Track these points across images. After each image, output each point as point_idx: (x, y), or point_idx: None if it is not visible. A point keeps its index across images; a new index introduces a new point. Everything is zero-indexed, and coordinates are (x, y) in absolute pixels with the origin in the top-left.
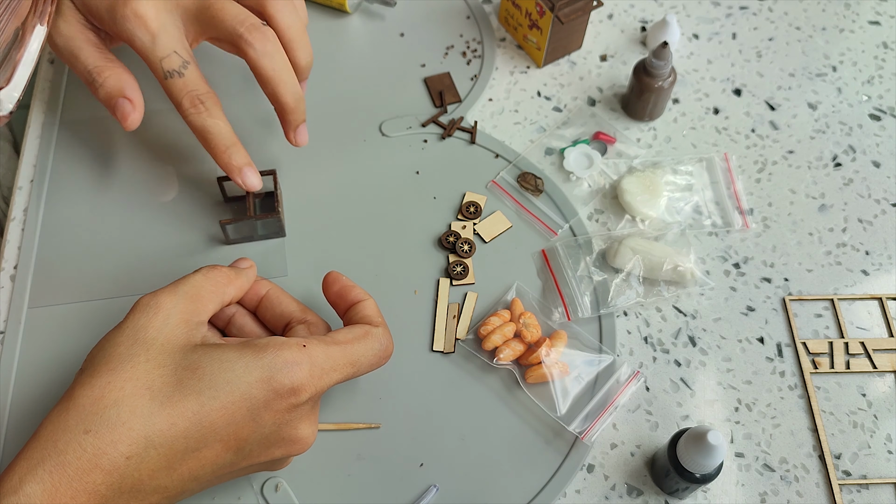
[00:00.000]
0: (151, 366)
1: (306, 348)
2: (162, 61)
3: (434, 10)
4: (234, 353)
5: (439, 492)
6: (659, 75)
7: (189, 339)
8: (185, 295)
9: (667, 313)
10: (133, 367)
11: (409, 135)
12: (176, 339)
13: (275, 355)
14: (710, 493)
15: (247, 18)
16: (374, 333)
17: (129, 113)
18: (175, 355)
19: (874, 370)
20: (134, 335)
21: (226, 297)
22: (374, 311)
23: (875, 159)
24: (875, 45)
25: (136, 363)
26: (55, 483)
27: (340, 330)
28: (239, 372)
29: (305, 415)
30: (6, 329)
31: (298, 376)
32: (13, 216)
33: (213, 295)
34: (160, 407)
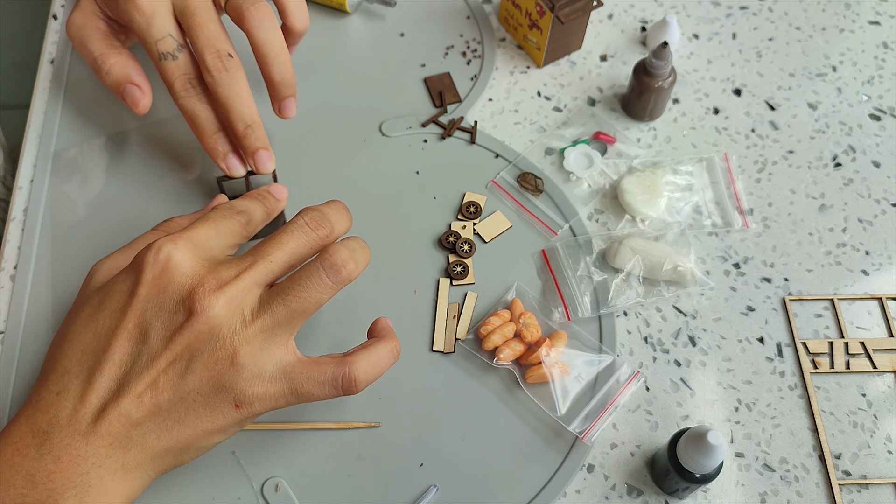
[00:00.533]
0: (68, 319)
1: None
2: (157, 43)
3: (434, 10)
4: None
5: (439, 492)
6: (659, 75)
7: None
8: (119, 252)
9: (667, 313)
10: (63, 329)
11: (409, 135)
12: (88, 288)
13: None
14: (710, 493)
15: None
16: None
17: (139, 98)
18: (79, 300)
19: (874, 370)
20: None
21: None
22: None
23: (875, 159)
24: (875, 45)
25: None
26: (10, 427)
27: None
28: (120, 277)
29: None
30: (6, 329)
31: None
32: (13, 216)
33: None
34: (69, 343)
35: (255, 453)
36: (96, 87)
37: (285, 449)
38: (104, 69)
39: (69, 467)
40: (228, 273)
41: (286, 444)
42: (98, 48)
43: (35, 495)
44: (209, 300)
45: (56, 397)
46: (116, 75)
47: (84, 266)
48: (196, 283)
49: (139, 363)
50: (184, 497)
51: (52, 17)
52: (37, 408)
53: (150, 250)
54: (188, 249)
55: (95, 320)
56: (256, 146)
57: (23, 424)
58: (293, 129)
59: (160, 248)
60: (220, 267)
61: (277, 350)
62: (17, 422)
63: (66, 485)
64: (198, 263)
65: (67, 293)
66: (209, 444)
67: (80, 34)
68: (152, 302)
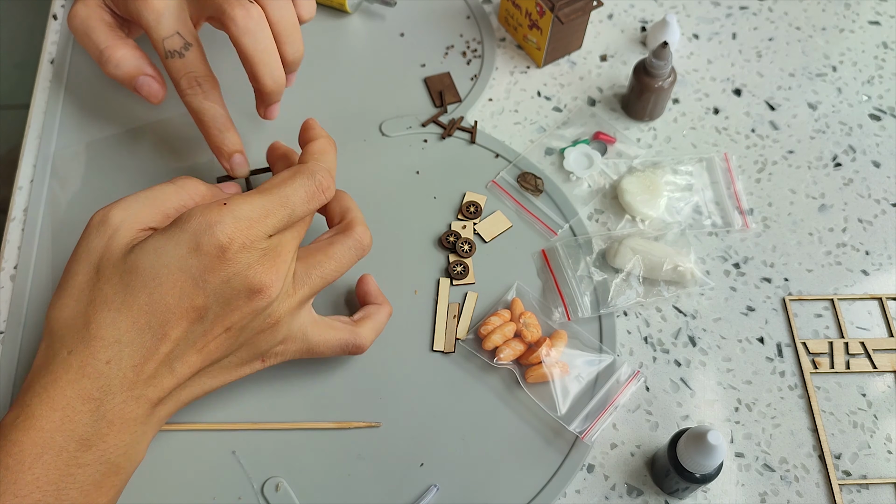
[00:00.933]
0: (102, 283)
1: (227, 206)
2: (164, 41)
3: (434, 10)
4: (163, 237)
5: (439, 491)
6: (659, 75)
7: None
8: (141, 202)
9: (667, 313)
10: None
11: (409, 135)
12: (119, 249)
13: (196, 222)
14: (710, 493)
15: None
16: (303, 170)
17: (156, 89)
18: (119, 264)
19: (874, 370)
20: (87, 260)
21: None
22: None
23: (875, 159)
24: (875, 45)
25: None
26: (50, 395)
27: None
28: (171, 251)
29: (256, 262)
30: (6, 329)
31: (223, 233)
32: (13, 216)
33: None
34: (118, 312)
35: (256, 453)
36: (96, 86)
37: (285, 449)
38: (113, 61)
39: (121, 430)
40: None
41: (286, 444)
42: (104, 40)
43: (89, 457)
44: (272, 282)
45: (106, 366)
46: (127, 68)
47: None
48: (251, 263)
49: (192, 339)
50: (184, 497)
51: (52, 17)
52: (83, 373)
53: (207, 231)
54: (241, 228)
55: (151, 294)
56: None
57: (68, 390)
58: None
59: (223, 229)
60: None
61: (304, 313)
62: (59, 385)
63: (117, 444)
64: (251, 242)
65: None
66: (216, 388)
67: (84, 26)
68: (217, 291)
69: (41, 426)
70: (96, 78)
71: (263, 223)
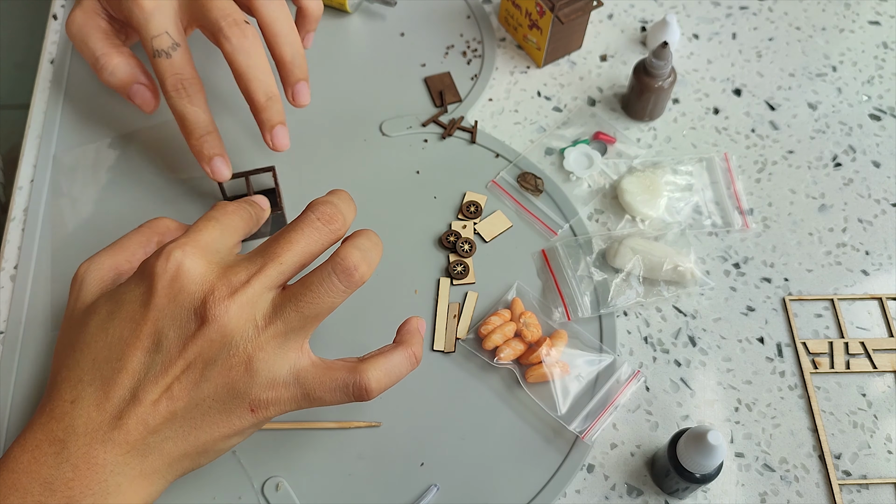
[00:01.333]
0: (71, 330)
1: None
2: (153, 40)
3: (434, 10)
4: (125, 282)
5: (440, 491)
6: (659, 75)
7: (99, 293)
8: (106, 253)
9: (667, 313)
10: (63, 339)
11: (409, 134)
12: (85, 299)
13: (150, 260)
14: (710, 493)
15: (232, 13)
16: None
17: (149, 98)
18: (84, 311)
19: (874, 370)
20: (66, 315)
21: (150, 248)
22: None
23: (875, 159)
24: (875, 45)
25: (64, 335)
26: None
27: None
28: (126, 289)
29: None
30: (6, 329)
31: (167, 260)
32: (13, 216)
33: (137, 244)
34: (80, 353)
35: (256, 453)
36: (96, 87)
37: (286, 448)
38: (108, 69)
39: (87, 475)
40: (239, 278)
41: (287, 444)
42: (100, 47)
43: (53, 502)
44: (221, 308)
45: (70, 406)
46: (122, 76)
47: None
48: (207, 290)
49: (153, 371)
50: (184, 497)
51: (52, 17)
52: (51, 416)
53: (159, 258)
54: (197, 255)
55: (106, 329)
56: (276, 120)
57: (38, 433)
58: (293, 129)
59: (170, 256)
60: (230, 271)
61: (291, 354)
62: (32, 429)
63: (84, 492)
64: (208, 269)
65: (67, 293)
66: (226, 446)
67: (81, 33)
68: (165, 311)
69: (11, 467)
70: (96, 79)
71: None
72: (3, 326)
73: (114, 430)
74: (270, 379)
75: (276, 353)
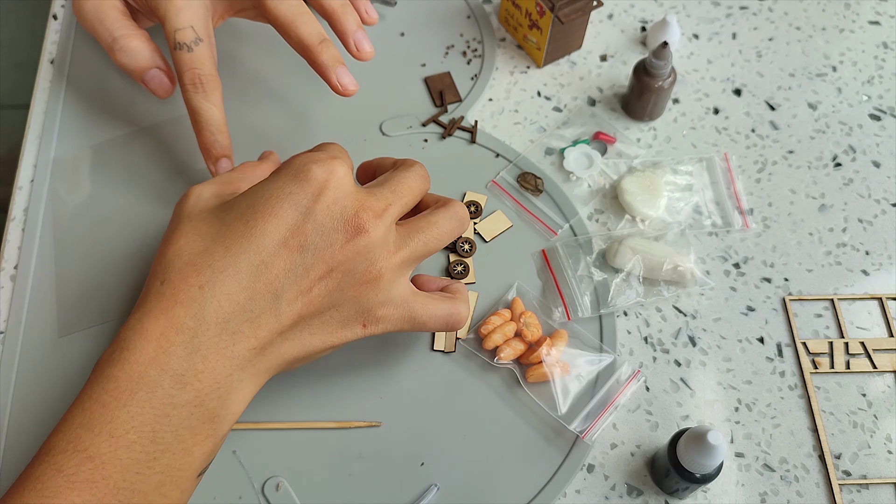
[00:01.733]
0: (196, 223)
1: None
2: (176, 32)
3: (434, 10)
4: (263, 181)
5: (440, 491)
6: (659, 75)
7: (222, 200)
8: (215, 182)
9: (667, 313)
10: (185, 232)
11: (409, 134)
12: (209, 203)
13: (298, 160)
14: (710, 493)
15: None
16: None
17: (167, 84)
18: (213, 210)
19: (874, 370)
20: (178, 217)
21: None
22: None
23: (875, 159)
24: (875, 45)
25: (184, 230)
26: (144, 326)
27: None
28: (270, 184)
29: (358, 201)
30: (6, 329)
31: (323, 167)
32: (13, 216)
33: (242, 181)
34: (213, 241)
35: (256, 453)
36: (96, 87)
37: (286, 448)
38: (126, 51)
39: (217, 368)
40: (379, 203)
41: (287, 444)
42: (118, 28)
43: (183, 396)
44: (374, 223)
45: (199, 291)
46: (140, 59)
47: (84, 266)
48: (360, 205)
49: (294, 273)
50: None
51: (52, 17)
52: (175, 301)
53: (315, 163)
54: (347, 172)
55: (245, 220)
56: (336, 60)
57: (161, 319)
58: (293, 129)
59: (324, 163)
60: (371, 195)
61: (404, 281)
62: (153, 315)
63: (212, 385)
64: (356, 187)
65: (68, 293)
66: (321, 355)
67: (96, 12)
68: (316, 217)
69: (136, 359)
70: (97, 78)
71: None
72: (3, 326)
73: (246, 322)
74: (388, 298)
75: (398, 275)
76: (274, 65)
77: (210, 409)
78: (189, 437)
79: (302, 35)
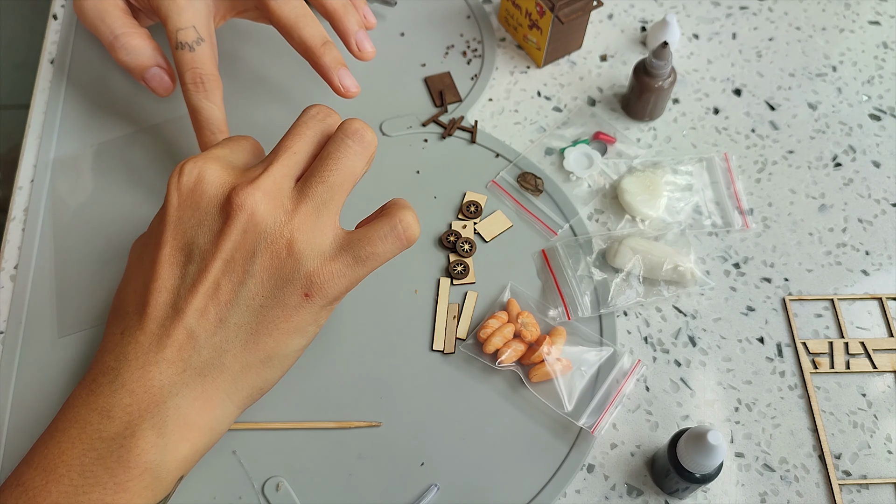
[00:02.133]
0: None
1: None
2: (178, 32)
3: (434, 10)
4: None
5: (440, 491)
6: (659, 75)
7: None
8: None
9: (667, 313)
10: (122, 280)
11: (409, 134)
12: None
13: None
14: (710, 493)
15: None
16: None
17: (167, 82)
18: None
19: (874, 370)
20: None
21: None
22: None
23: (875, 159)
24: (875, 45)
25: (123, 276)
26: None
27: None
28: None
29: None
30: (6, 329)
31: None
32: (13, 216)
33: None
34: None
35: (256, 453)
36: (96, 87)
37: (286, 448)
38: (127, 49)
39: (144, 398)
40: (256, 171)
41: (287, 444)
42: (120, 25)
43: (111, 429)
44: (244, 194)
45: (120, 336)
46: (141, 57)
47: (85, 265)
48: (228, 187)
49: (188, 280)
50: (184, 497)
51: (52, 17)
52: (104, 350)
53: (174, 173)
54: (211, 161)
55: (142, 262)
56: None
57: (94, 368)
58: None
59: (183, 169)
60: (247, 171)
61: (328, 229)
62: (89, 371)
63: (143, 416)
64: (226, 172)
65: (68, 293)
66: (290, 350)
67: (97, 10)
68: (189, 220)
69: (71, 403)
70: (97, 78)
71: (231, 160)
72: (3, 326)
73: (163, 348)
74: (317, 254)
75: (313, 229)
76: (275, 65)
77: (145, 439)
78: (122, 472)
79: (305, 37)
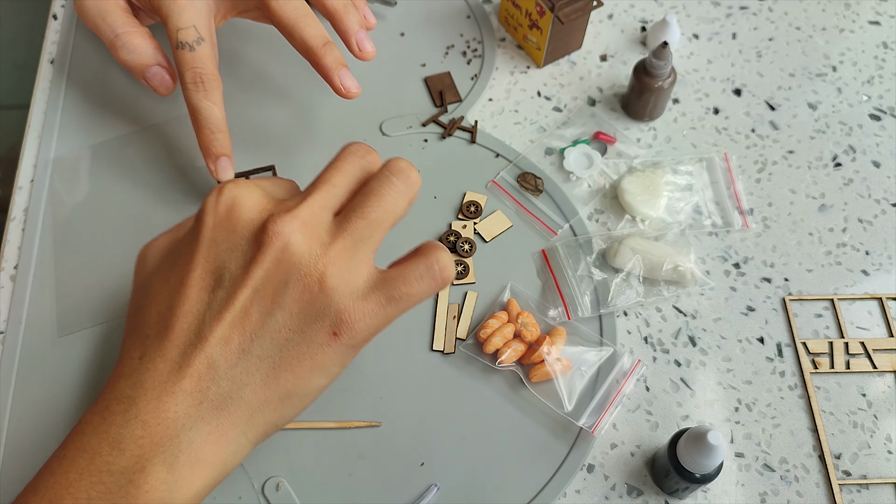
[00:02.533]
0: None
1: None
2: (179, 31)
3: (434, 10)
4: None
5: (440, 491)
6: (659, 75)
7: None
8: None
9: (667, 313)
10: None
11: (409, 134)
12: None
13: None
14: (710, 493)
15: None
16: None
17: (168, 81)
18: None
19: (874, 370)
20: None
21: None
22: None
23: (875, 159)
24: (875, 45)
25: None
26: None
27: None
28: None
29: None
30: (6, 329)
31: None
32: (13, 216)
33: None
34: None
35: (256, 453)
36: (96, 87)
37: (286, 448)
38: (128, 48)
39: (158, 431)
40: (294, 201)
41: (287, 444)
42: (121, 24)
43: (121, 462)
44: (281, 223)
45: (139, 362)
46: (141, 56)
47: (85, 265)
48: (265, 214)
49: (215, 306)
50: None
51: (52, 17)
52: (120, 375)
53: (212, 194)
54: (251, 187)
55: (168, 280)
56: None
57: (107, 394)
58: (293, 129)
59: (222, 190)
60: (285, 201)
61: (363, 267)
62: (103, 393)
63: (154, 450)
64: (264, 198)
65: (68, 293)
66: (311, 389)
67: (98, 9)
68: (222, 244)
69: (81, 430)
70: (97, 78)
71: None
72: (3, 326)
73: (182, 378)
74: (349, 293)
75: (349, 266)
76: (275, 65)
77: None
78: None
79: (306, 37)
